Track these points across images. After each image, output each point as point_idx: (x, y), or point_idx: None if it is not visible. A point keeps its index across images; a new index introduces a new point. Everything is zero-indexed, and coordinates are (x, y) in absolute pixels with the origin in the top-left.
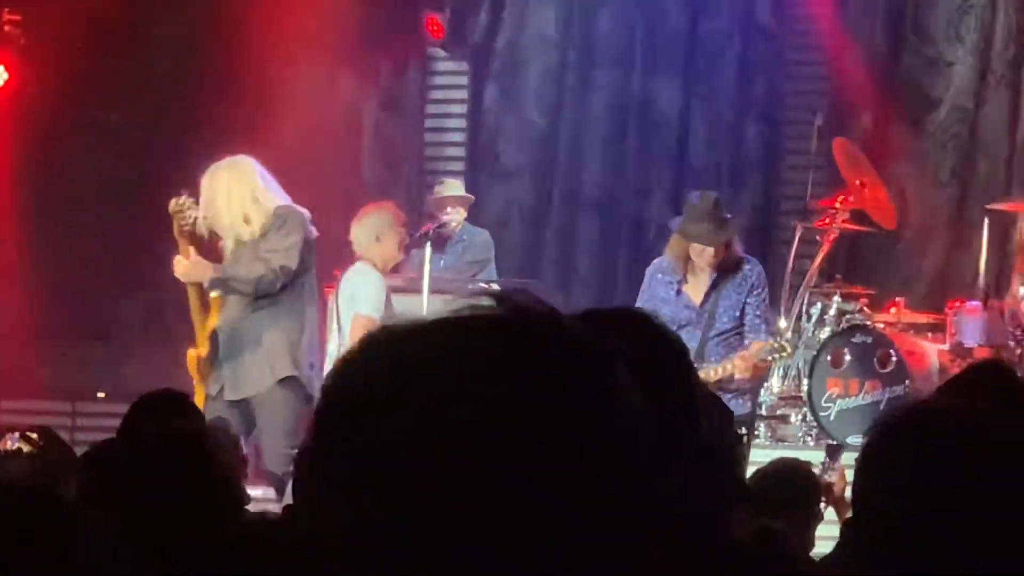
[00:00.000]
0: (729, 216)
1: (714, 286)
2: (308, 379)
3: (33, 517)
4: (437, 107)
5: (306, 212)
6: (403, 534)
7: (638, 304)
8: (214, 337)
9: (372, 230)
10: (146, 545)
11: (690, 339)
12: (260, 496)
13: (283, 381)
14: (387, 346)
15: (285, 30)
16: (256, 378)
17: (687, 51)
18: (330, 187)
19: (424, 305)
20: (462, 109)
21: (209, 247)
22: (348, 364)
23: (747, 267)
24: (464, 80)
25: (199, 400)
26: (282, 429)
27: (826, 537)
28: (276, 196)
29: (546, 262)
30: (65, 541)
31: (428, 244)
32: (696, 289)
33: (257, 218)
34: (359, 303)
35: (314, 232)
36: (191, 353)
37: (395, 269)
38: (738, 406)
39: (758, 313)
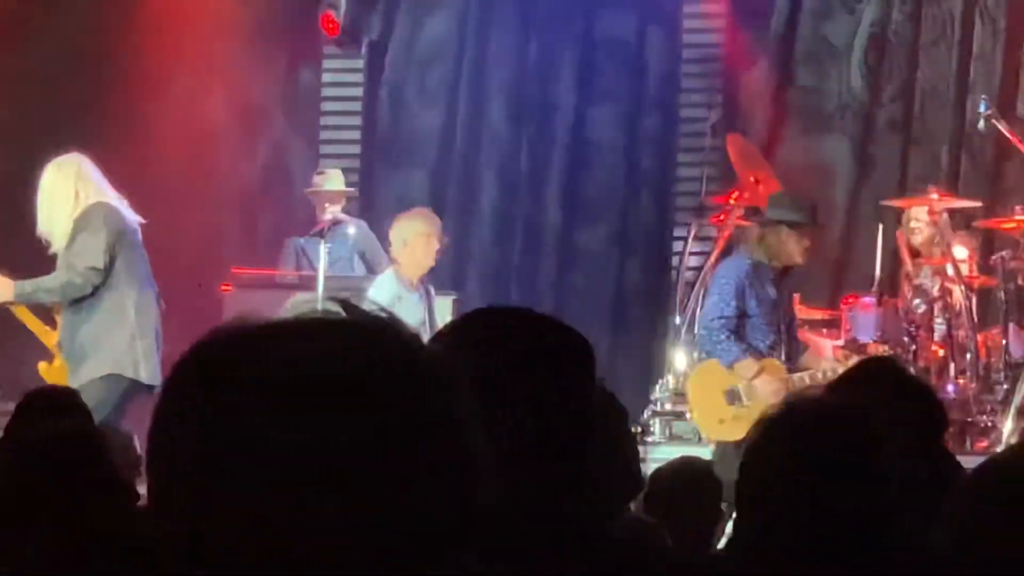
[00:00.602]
0: None
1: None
2: (148, 373)
3: None
4: (332, 104)
5: (118, 204)
6: (227, 519)
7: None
8: (59, 347)
9: (401, 235)
10: (37, 547)
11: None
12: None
13: (105, 378)
14: (226, 343)
15: (178, 26)
16: (85, 380)
17: (582, 48)
18: (224, 182)
19: (319, 302)
20: (357, 107)
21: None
22: (188, 360)
23: None
24: (360, 78)
25: None
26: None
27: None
28: (96, 195)
29: (441, 259)
30: None
31: (322, 242)
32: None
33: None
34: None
35: (133, 223)
36: (42, 366)
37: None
38: None
39: None
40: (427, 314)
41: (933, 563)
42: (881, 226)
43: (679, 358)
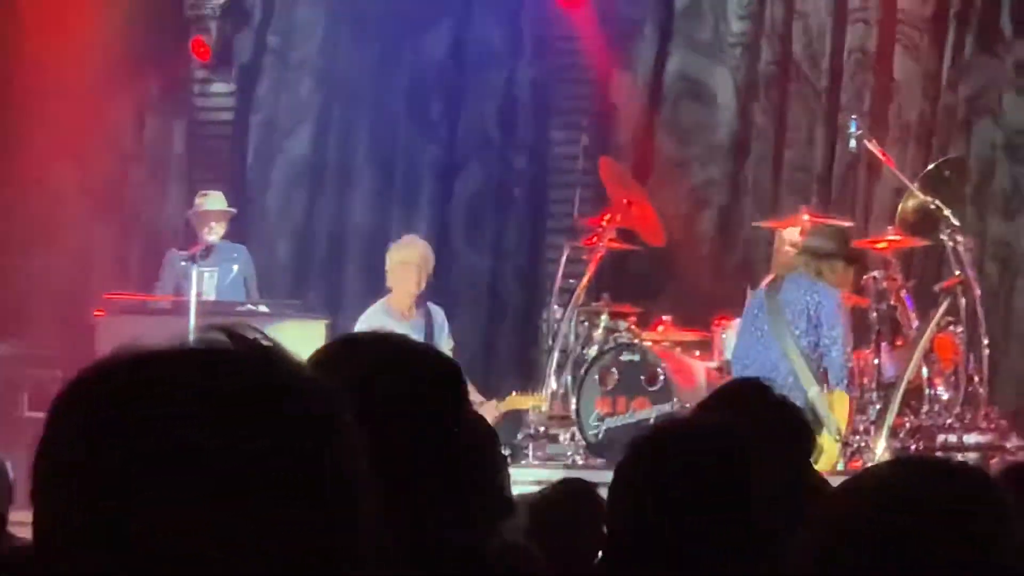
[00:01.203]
0: None
1: None
2: None
3: None
4: (204, 128)
5: None
6: (116, 535)
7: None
8: None
9: (389, 264)
10: None
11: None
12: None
13: None
14: (117, 372)
15: (49, 49)
16: None
17: (454, 69)
18: (100, 203)
19: (191, 328)
20: (228, 131)
21: None
22: (79, 384)
23: None
24: (231, 101)
25: None
26: None
27: None
28: None
29: (312, 280)
30: None
31: (195, 267)
32: None
33: None
34: None
35: None
36: None
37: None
38: None
39: None
40: (425, 338)
41: None
42: (753, 246)
43: (553, 381)
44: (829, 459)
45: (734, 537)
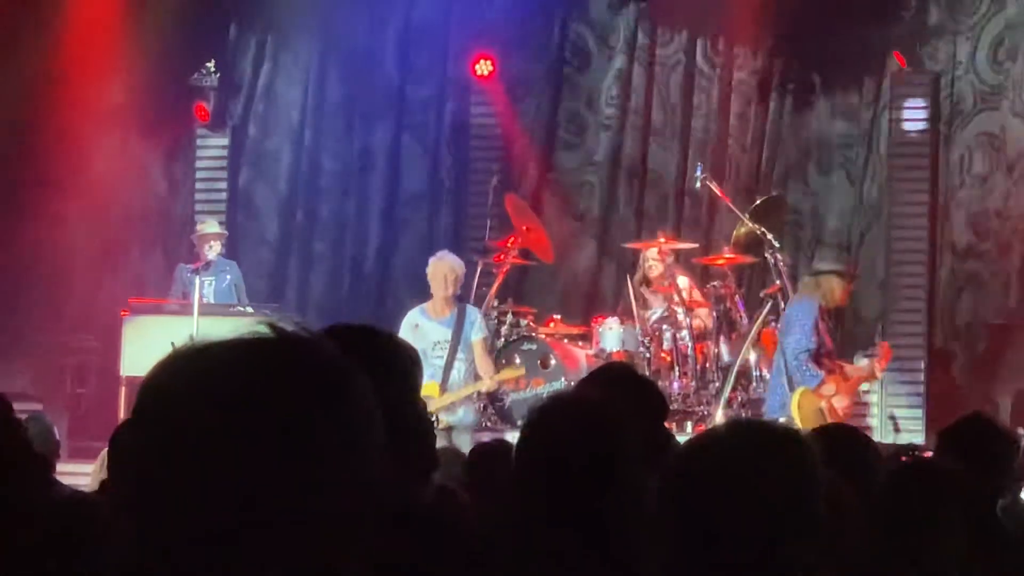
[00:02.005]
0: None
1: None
2: None
3: None
4: (205, 171)
5: None
6: (199, 497)
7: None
8: None
9: (428, 273)
10: None
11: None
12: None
13: None
14: (188, 359)
15: (89, 107)
16: None
17: (395, 128)
18: (120, 235)
19: (195, 324)
20: (223, 173)
21: None
22: (158, 371)
23: None
24: (225, 152)
25: None
26: None
27: None
28: None
29: (287, 288)
30: None
31: (198, 277)
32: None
33: None
34: None
35: None
36: None
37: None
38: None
39: None
40: (452, 333)
41: (649, 517)
42: (621, 262)
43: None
44: None
45: (604, 485)
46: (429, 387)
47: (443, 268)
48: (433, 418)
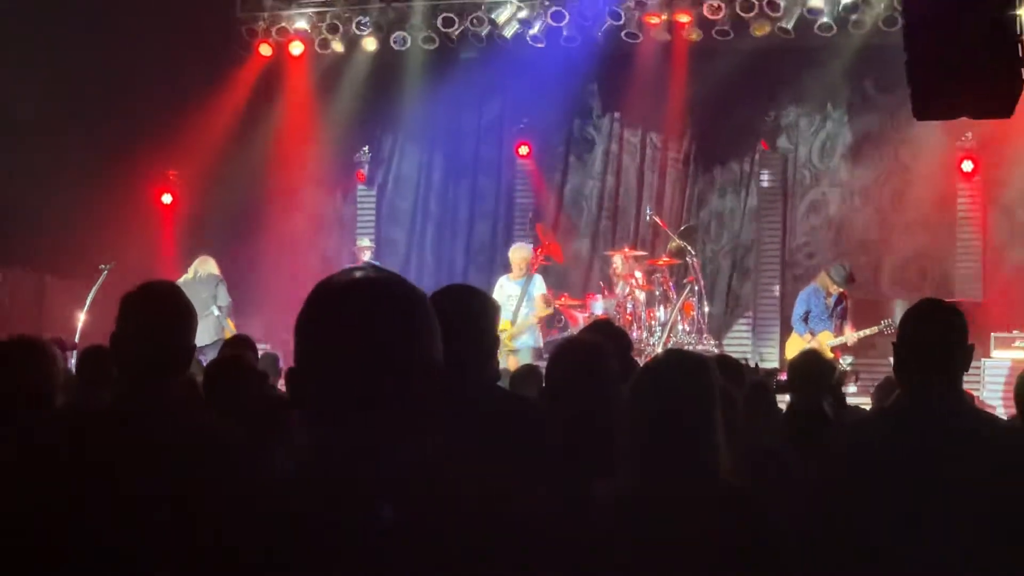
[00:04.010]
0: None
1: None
2: None
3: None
4: (363, 213)
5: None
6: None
7: (800, 307)
8: None
9: (509, 255)
10: None
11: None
12: None
13: None
14: (345, 287)
15: (289, 174)
16: None
17: (473, 178)
18: (307, 254)
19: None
20: (372, 214)
21: None
22: (319, 294)
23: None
24: (374, 200)
25: None
26: None
27: None
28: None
29: (410, 276)
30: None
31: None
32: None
33: None
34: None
35: None
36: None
37: None
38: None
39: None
40: (521, 290)
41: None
42: (602, 262)
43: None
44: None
45: (598, 398)
46: (504, 324)
47: (518, 254)
48: (500, 343)
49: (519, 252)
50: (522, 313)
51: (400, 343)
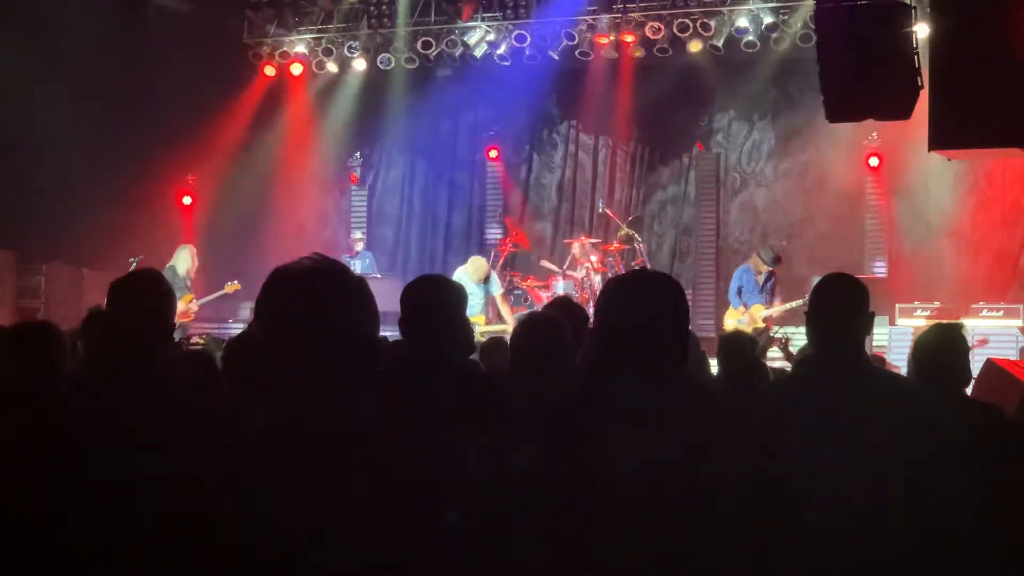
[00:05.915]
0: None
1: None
2: None
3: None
4: (355, 209)
5: None
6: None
7: (734, 284)
8: None
9: (468, 263)
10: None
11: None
12: None
13: None
14: (297, 274)
15: (290, 176)
16: None
17: (451, 178)
18: (310, 244)
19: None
20: (364, 211)
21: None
22: (274, 279)
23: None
24: (365, 198)
25: None
26: None
27: None
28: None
29: (397, 264)
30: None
31: (351, 261)
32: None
33: None
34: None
35: None
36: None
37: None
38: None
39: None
40: (484, 292)
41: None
42: (565, 247)
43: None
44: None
45: (558, 365)
46: (477, 318)
47: (480, 262)
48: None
49: (478, 262)
50: (481, 307)
51: (340, 319)
